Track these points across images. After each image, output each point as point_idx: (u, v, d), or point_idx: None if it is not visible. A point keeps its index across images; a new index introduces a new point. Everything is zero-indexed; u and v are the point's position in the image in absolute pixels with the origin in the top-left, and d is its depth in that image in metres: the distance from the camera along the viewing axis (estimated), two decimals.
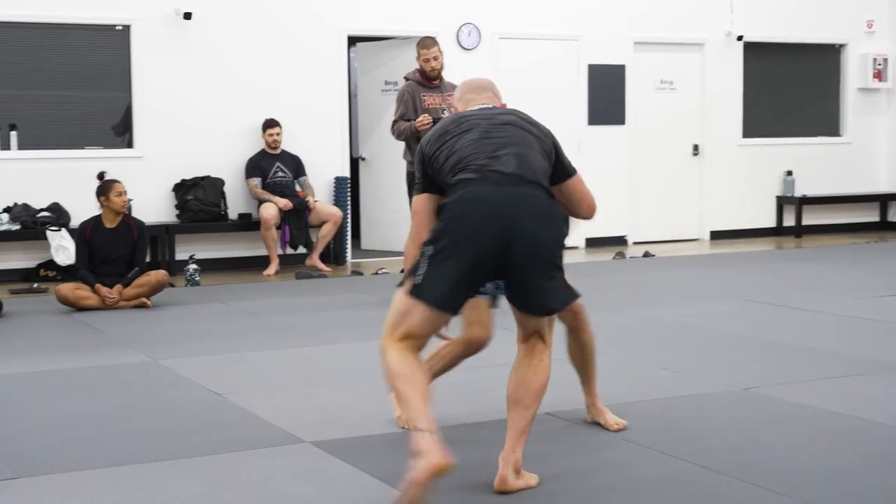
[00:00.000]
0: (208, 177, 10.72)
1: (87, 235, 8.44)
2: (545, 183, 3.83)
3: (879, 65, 14.02)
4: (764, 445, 4.44)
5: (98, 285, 8.35)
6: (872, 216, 14.36)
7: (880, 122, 14.26)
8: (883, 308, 7.88)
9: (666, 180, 13.05)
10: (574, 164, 4.18)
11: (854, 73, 14.05)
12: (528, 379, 3.89)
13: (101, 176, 8.64)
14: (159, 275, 8.58)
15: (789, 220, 13.67)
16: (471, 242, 3.65)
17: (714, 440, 4.53)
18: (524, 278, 3.73)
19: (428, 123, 8.10)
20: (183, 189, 10.65)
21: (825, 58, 14.01)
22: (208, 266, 10.53)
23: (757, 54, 13.52)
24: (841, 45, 14.04)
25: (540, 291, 3.75)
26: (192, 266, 9.71)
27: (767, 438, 4.56)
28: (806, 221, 13.71)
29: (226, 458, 4.39)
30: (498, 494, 3.86)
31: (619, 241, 12.65)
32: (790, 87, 13.81)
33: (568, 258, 3.95)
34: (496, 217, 3.66)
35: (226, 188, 10.82)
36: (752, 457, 4.27)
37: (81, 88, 10.52)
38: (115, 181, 8.53)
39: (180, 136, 10.73)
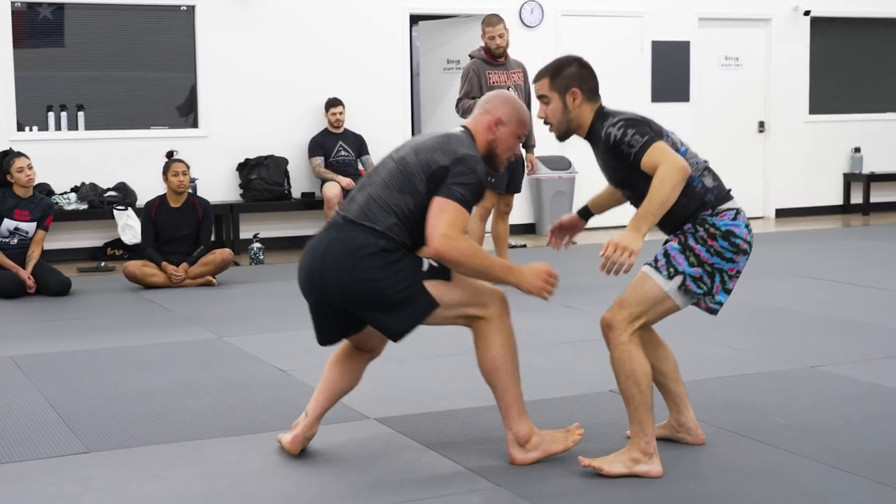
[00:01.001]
0: (272, 156, 10.79)
1: (152, 215, 8.55)
2: (384, 222, 3.80)
3: None
4: (830, 424, 4.40)
5: (165, 263, 8.45)
6: None
7: None
8: None
9: (731, 158, 12.91)
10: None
11: None
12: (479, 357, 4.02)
13: (169, 155, 8.72)
14: (224, 253, 8.66)
15: (857, 198, 13.49)
16: (303, 293, 3.97)
17: (780, 418, 4.49)
18: (360, 315, 3.89)
19: None
20: (247, 168, 10.73)
21: (893, 32, 13.76)
22: (272, 245, 10.62)
23: (824, 29, 13.32)
24: None
25: (379, 324, 3.84)
26: (257, 245, 9.79)
27: (833, 417, 4.51)
28: (874, 199, 13.51)
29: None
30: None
31: None
32: (857, 62, 13.60)
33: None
34: (303, 270, 3.94)
35: (289, 167, 10.89)
36: (818, 434, 4.24)
37: (147, 69, 10.64)
38: (176, 160, 8.61)
39: (244, 116, 10.81)
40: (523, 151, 8.42)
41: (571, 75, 3.97)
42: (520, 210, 11.64)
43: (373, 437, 4.39)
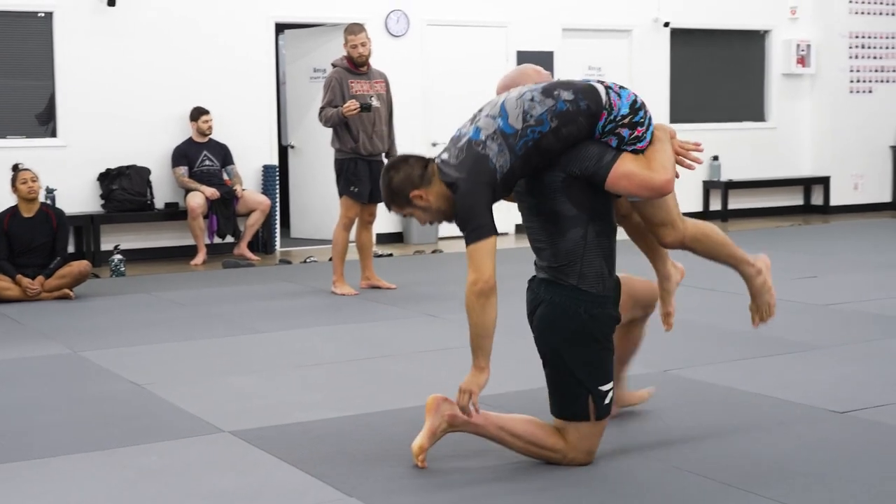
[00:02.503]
0: (134, 166, 10.59)
1: (4, 226, 8.31)
2: None
3: (802, 51, 14.19)
4: (681, 426, 4.50)
5: (19, 276, 8.22)
6: (796, 199, 14.56)
7: (803, 106, 14.44)
8: (799, 290, 7.99)
9: None
10: None
11: (778, 59, 14.21)
12: None
13: (14, 167, 8.50)
14: (82, 265, 8.47)
15: (716, 205, 13.82)
16: None
17: (634, 423, 4.57)
18: None
19: (355, 110, 8.08)
20: (108, 178, 10.52)
21: (750, 44, 14.15)
22: (134, 256, 10.42)
23: (683, 40, 13.63)
24: (765, 32, 14.19)
25: None
26: (118, 256, 9.60)
27: (686, 420, 4.61)
28: (732, 205, 13.86)
29: (142, 449, 4.36)
30: None
31: None
32: (716, 72, 13.95)
33: (499, 244, 3.98)
34: None
35: (152, 177, 10.70)
36: (666, 438, 4.33)
37: (3, 76, 10.34)
38: (23, 169, 8.41)
39: (105, 125, 10.59)
40: (385, 161, 8.42)
41: (401, 184, 3.91)
42: (387, 219, 11.64)
43: (226, 451, 4.33)
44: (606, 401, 3.91)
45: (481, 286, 3.72)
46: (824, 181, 14.38)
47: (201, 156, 10.67)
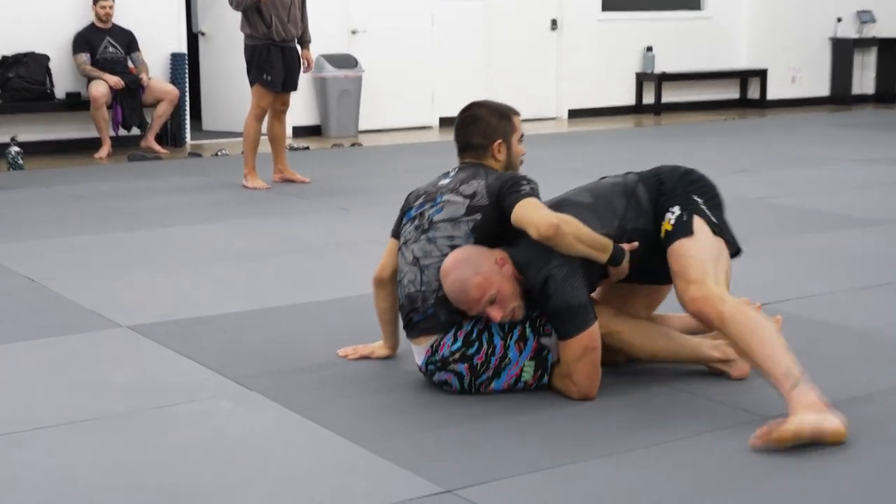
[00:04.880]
0: (32, 53, 10.38)
1: None
2: None
3: None
4: None
5: None
6: (732, 93, 14.69)
7: None
8: (729, 184, 8.12)
9: (523, 57, 13.11)
10: (427, 40, 4.16)
11: None
12: None
13: None
14: None
15: (649, 98, 13.90)
16: None
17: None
18: None
19: None
20: (4, 66, 10.31)
21: None
22: (33, 149, 10.26)
23: None
24: None
25: None
26: (14, 149, 9.47)
27: None
28: (665, 99, 13.95)
29: (36, 344, 4.39)
30: None
31: None
32: None
33: (422, 137, 4.01)
34: None
35: (51, 65, 10.50)
36: None
37: None
38: None
39: None
40: (298, 48, 8.38)
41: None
42: (304, 111, 11.59)
43: (124, 346, 4.38)
44: None
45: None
46: (761, 74, 14.51)
47: (104, 42, 10.49)
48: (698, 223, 3.80)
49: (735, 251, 3.89)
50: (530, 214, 3.67)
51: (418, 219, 3.89)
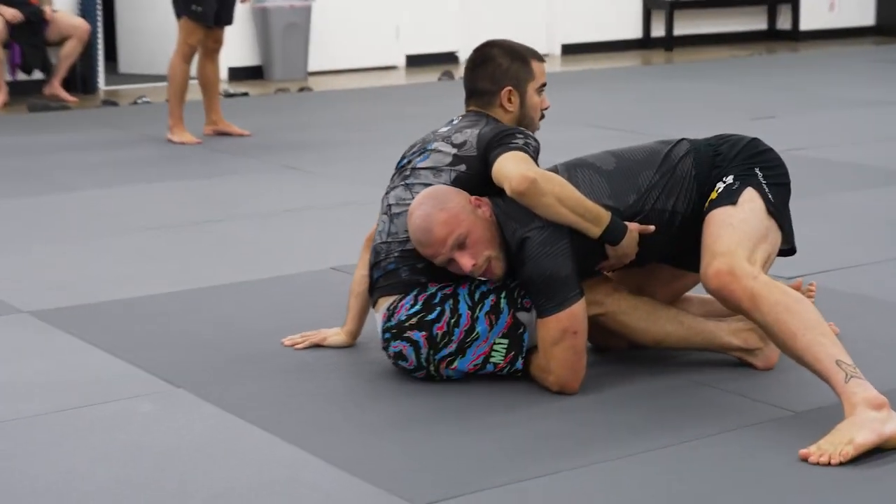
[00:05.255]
0: None
1: None
2: None
3: None
4: None
5: None
6: (759, 23, 14.71)
7: None
8: (755, 132, 8.13)
9: None
10: None
11: None
12: None
13: None
14: None
15: (659, 30, 13.91)
16: None
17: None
18: None
19: None
20: None
21: None
22: None
23: None
24: None
25: None
26: None
27: None
28: (679, 31, 13.96)
29: None
30: None
31: (448, 58, 12.68)
32: None
33: (385, 80, 4.01)
34: None
35: None
36: None
37: None
38: None
39: None
40: None
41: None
42: (242, 50, 11.55)
43: (27, 336, 4.37)
44: None
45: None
46: (793, 0, 14.53)
47: None
48: (750, 194, 3.76)
49: (789, 248, 3.87)
50: (508, 167, 3.67)
51: (406, 167, 3.94)
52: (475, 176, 3.80)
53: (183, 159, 7.75)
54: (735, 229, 3.66)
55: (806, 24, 14.63)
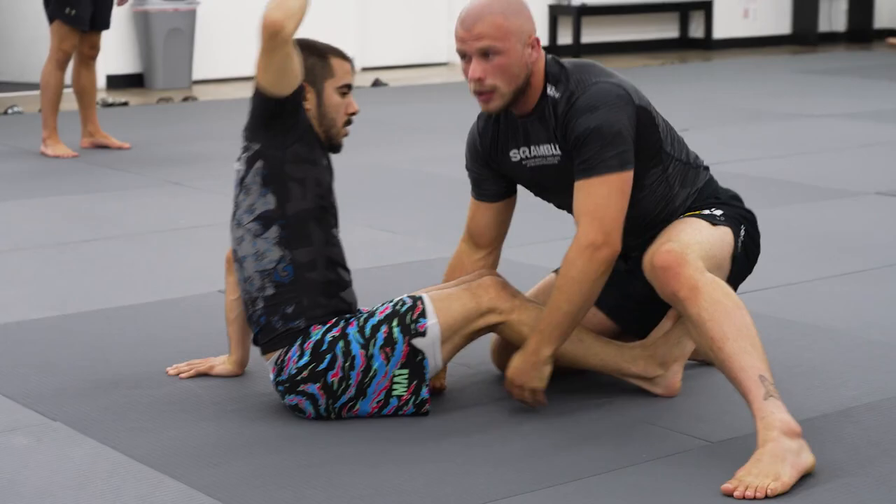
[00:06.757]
0: None
1: None
2: None
3: None
4: None
5: None
6: (670, 31, 14.89)
7: None
8: None
9: None
10: None
11: None
12: None
13: None
14: None
15: (565, 37, 14.00)
16: None
17: None
18: None
19: None
20: None
21: None
22: None
23: None
24: None
25: None
26: None
27: None
28: (587, 38, 14.07)
29: None
30: None
31: None
32: None
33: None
34: None
35: None
36: None
37: None
38: None
39: None
40: None
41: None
42: (121, 56, 11.46)
43: None
44: None
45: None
46: (705, 6, 14.72)
47: None
48: (728, 233, 3.87)
49: None
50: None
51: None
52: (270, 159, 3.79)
53: (58, 174, 7.67)
54: (701, 235, 3.76)
55: (719, 33, 14.83)
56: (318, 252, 3.78)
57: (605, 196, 3.68)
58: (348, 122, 3.95)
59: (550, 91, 3.80)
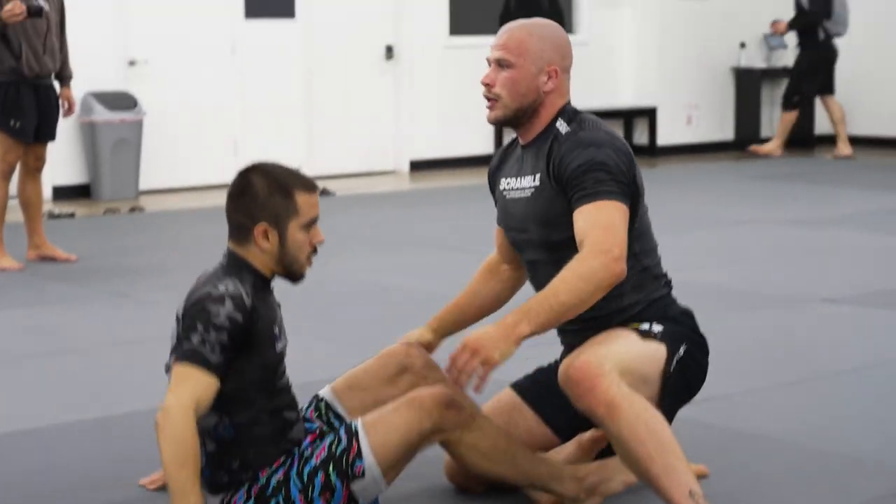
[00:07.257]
0: None
1: None
2: None
3: None
4: None
5: None
6: None
7: (623, 16, 14.84)
8: None
9: (352, 94, 13.19)
10: (227, 72, 4.14)
11: None
12: None
13: None
14: None
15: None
16: None
17: None
18: None
19: (20, 15, 7.90)
20: None
21: None
22: None
23: None
24: None
25: None
26: None
27: None
28: None
29: None
30: None
31: None
32: None
33: (217, 199, 4.00)
34: None
35: None
36: None
37: None
38: None
39: None
40: (57, 85, 8.32)
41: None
42: (67, 167, 11.43)
43: None
44: None
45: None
46: (649, 113, 14.85)
47: None
48: (661, 349, 3.86)
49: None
50: None
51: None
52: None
53: (3, 287, 7.63)
54: (624, 348, 3.77)
55: (663, 139, 14.92)
56: (260, 409, 3.69)
57: (612, 215, 3.76)
58: (314, 252, 3.82)
59: (559, 125, 4.00)
